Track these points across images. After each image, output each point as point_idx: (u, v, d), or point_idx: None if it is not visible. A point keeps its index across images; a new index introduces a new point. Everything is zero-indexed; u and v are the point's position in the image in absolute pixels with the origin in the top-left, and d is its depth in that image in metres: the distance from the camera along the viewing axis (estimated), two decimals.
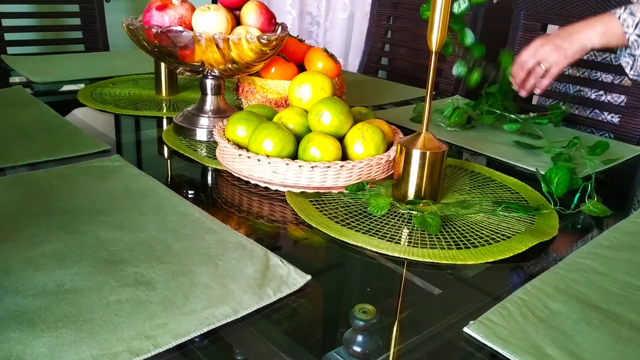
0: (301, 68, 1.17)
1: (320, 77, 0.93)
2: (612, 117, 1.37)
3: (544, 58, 1.13)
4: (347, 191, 0.82)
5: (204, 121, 1.03)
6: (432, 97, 0.79)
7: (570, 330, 0.56)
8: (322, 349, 0.53)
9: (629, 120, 1.33)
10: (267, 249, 0.67)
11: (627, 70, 1.14)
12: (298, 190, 0.83)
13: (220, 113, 1.05)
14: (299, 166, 0.80)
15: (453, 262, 0.67)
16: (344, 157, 0.86)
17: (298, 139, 0.86)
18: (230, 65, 0.97)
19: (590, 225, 0.83)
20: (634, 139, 1.30)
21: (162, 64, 1.27)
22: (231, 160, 0.86)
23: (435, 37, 0.76)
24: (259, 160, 0.81)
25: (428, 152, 0.78)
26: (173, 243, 0.67)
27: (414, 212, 0.78)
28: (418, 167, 0.79)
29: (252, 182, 0.85)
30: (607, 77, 1.37)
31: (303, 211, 0.78)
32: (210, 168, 0.93)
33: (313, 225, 0.74)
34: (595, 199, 0.83)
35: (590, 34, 1.10)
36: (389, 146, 0.89)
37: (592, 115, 1.41)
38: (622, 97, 1.35)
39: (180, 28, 0.92)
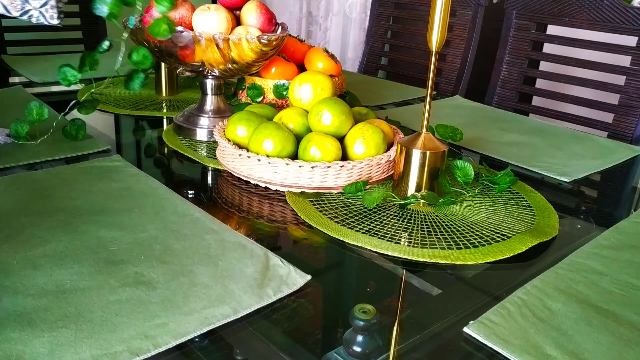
0: (301, 68, 1.17)
1: (320, 77, 0.93)
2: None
3: None
4: (344, 192, 0.82)
5: (204, 121, 1.03)
6: (432, 97, 0.79)
7: (570, 330, 0.56)
8: (322, 349, 0.53)
9: (622, 119, 1.33)
10: (267, 249, 0.67)
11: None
12: (298, 190, 0.83)
13: (220, 113, 1.05)
14: (299, 166, 0.80)
15: (453, 262, 0.67)
16: (344, 157, 0.86)
17: (298, 139, 0.86)
18: (230, 65, 0.97)
19: (590, 225, 0.83)
20: (628, 138, 1.30)
21: (162, 64, 1.27)
22: (231, 160, 0.86)
23: (435, 37, 0.76)
24: (259, 160, 0.81)
25: (428, 152, 0.79)
26: (173, 243, 0.67)
27: (411, 199, 0.79)
28: (418, 167, 0.79)
29: (252, 182, 0.85)
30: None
31: (303, 211, 0.78)
32: (210, 168, 0.93)
33: (313, 225, 0.74)
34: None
35: None
36: (389, 146, 0.89)
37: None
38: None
39: (180, 28, 0.92)
